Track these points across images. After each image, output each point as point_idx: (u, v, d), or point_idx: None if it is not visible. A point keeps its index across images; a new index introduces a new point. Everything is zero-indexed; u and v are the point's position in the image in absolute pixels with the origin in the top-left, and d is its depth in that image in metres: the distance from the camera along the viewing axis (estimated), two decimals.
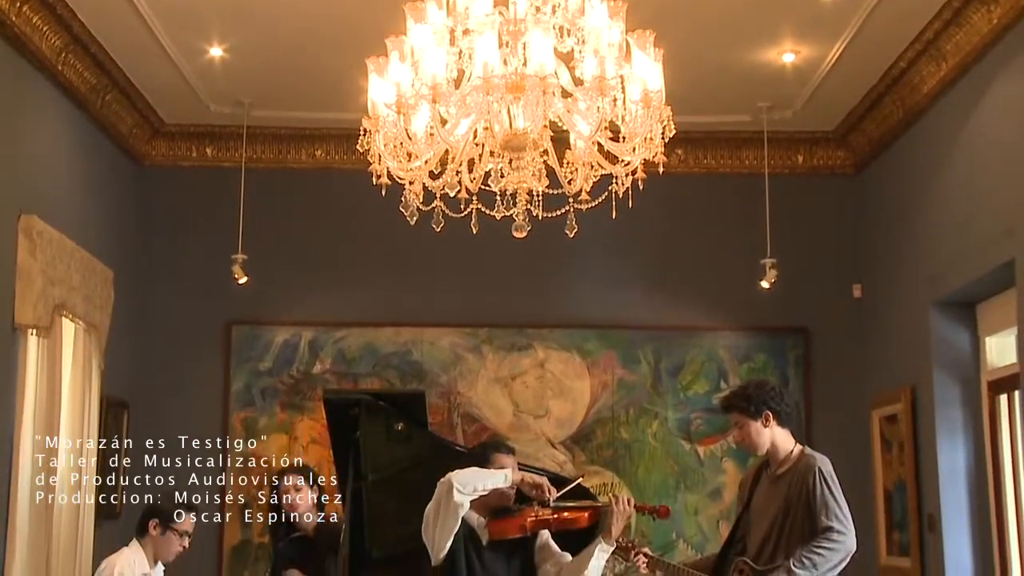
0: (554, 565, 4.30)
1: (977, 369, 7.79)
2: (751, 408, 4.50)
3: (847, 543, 4.23)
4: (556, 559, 4.33)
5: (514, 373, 9.26)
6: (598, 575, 4.25)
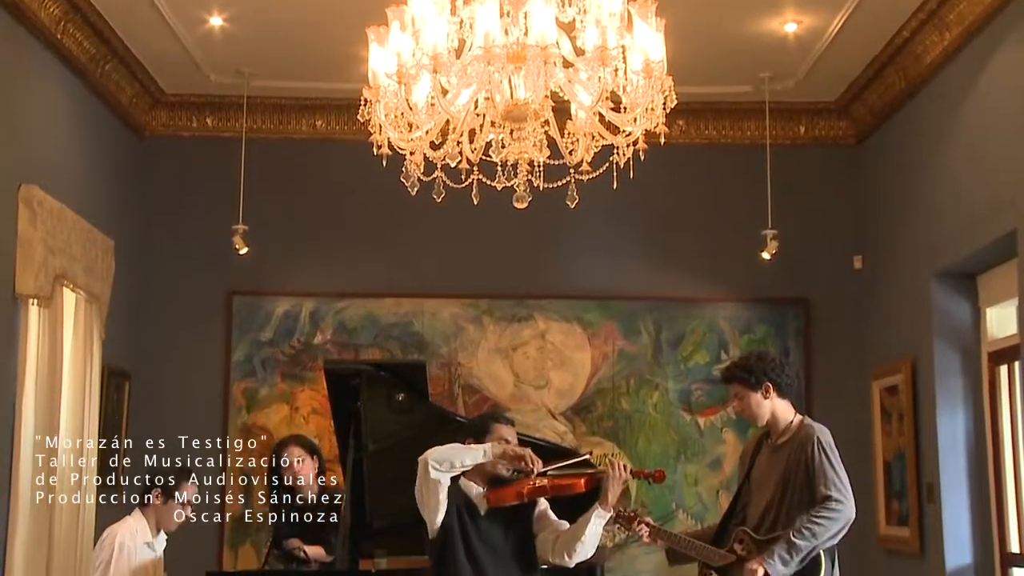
0: (551, 533, 4.32)
1: (977, 340, 7.80)
2: (751, 379, 4.51)
3: (846, 512, 4.24)
4: (554, 527, 4.34)
5: (515, 344, 9.27)
6: (595, 541, 4.26)
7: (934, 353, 7.84)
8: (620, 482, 4.23)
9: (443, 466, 4.17)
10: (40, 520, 7.10)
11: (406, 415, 5.23)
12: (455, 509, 4.25)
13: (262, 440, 8.89)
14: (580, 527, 4.23)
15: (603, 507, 4.23)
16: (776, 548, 4.21)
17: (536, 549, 4.33)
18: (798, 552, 4.17)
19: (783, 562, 4.19)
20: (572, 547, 4.23)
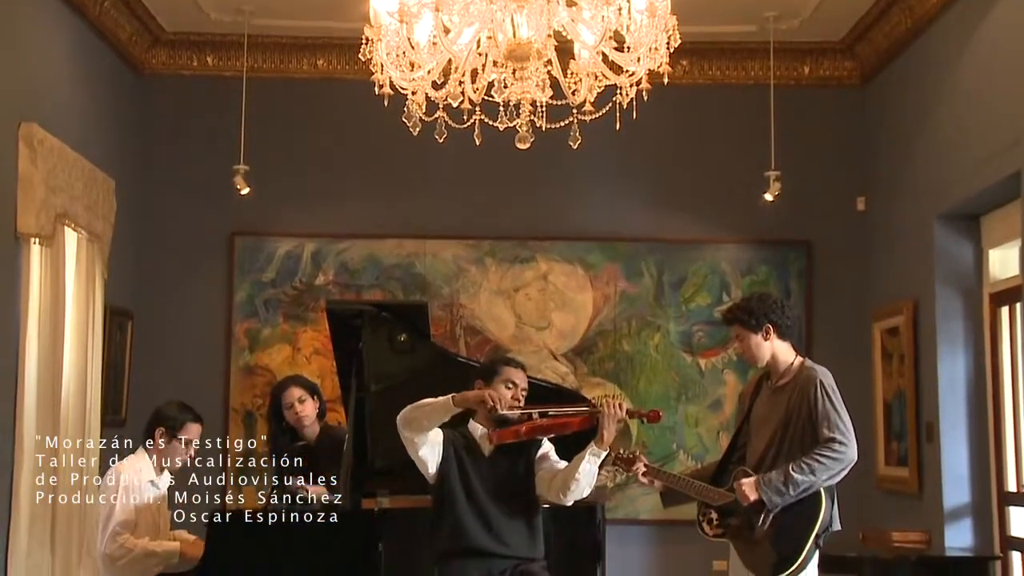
0: (548, 472, 4.34)
1: (979, 282, 7.80)
2: (752, 321, 4.50)
3: (848, 454, 4.26)
4: (551, 465, 4.37)
5: (517, 285, 9.27)
6: (591, 480, 4.28)
7: (936, 295, 7.85)
8: (615, 421, 4.23)
9: (411, 427, 4.20)
10: (45, 460, 7.15)
11: (408, 356, 5.24)
12: (453, 453, 4.27)
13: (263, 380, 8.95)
14: (574, 466, 4.25)
15: (598, 446, 4.24)
16: (773, 476, 4.23)
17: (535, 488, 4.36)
18: (794, 485, 4.18)
19: (777, 492, 4.21)
20: (567, 486, 4.26)
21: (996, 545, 7.50)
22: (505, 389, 4.35)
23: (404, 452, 4.96)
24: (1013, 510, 7.47)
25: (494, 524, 4.23)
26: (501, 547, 4.22)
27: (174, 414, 4.86)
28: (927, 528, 6.74)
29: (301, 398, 5.40)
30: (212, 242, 9.21)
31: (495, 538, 4.22)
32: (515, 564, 4.24)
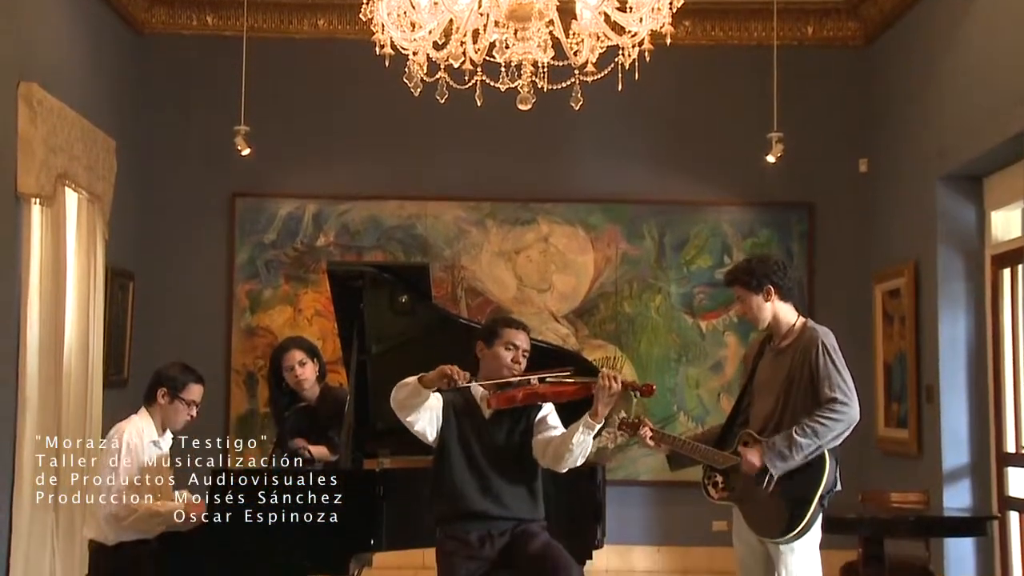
0: (544, 440, 4.34)
1: (981, 243, 7.80)
2: (753, 282, 4.49)
3: (850, 414, 4.27)
4: (548, 433, 4.36)
5: (518, 247, 9.27)
6: (584, 451, 4.26)
7: (937, 256, 7.85)
8: (609, 394, 4.22)
9: (402, 411, 4.22)
10: (47, 418, 7.19)
11: (409, 317, 5.23)
12: (453, 416, 4.28)
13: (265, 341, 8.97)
14: (568, 437, 4.24)
15: (592, 419, 4.23)
16: (777, 441, 4.24)
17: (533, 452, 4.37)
18: (798, 449, 4.19)
19: (781, 457, 4.22)
20: (561, 455, 4.26)
21: (994, 505, 7.54)
22: (505, 351, 4.34)
23: None
24: (1011, 471, 7.51)
25: (494, 487, 4.25)
26: (500, 509, 4.24)
27: (175, 375, 4.87)
28: (926, 489, 6.77)
29: (302, 361, 5.41)
30: (213, 203, 9.20)
31: (494, 501, 4.24)
32: (515, 525, 4.27)
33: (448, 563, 4.18)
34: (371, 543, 4.44)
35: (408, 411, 4.26)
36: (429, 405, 4.28)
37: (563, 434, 4.31)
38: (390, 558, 6.28)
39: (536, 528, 4.31)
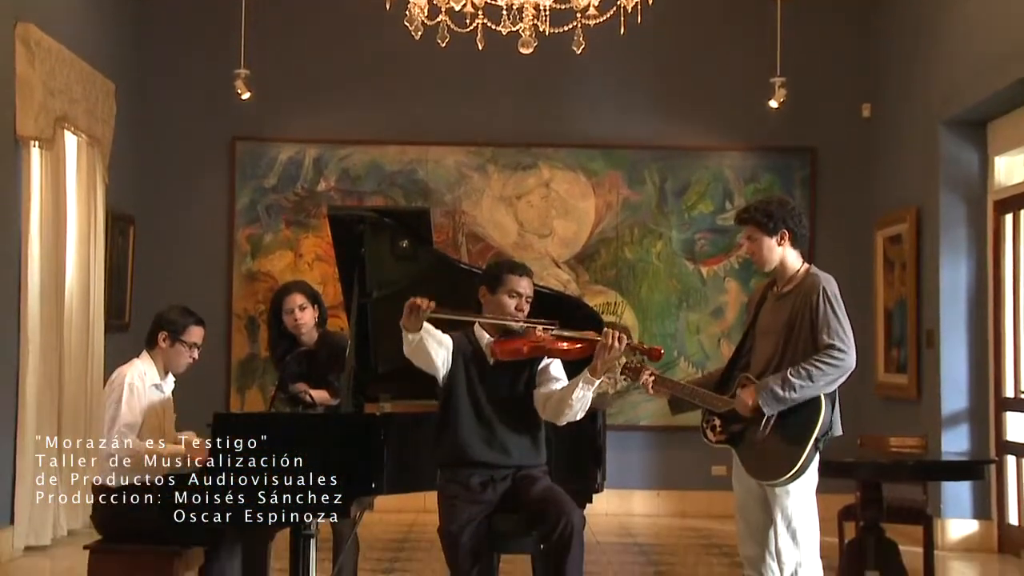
0: (545, 392, 4.35)
1: (984, 189, 7.79)
2: (770, 224, 4.45)
3: (847, 361, 4.27)
4: (549, 385, 4.36)
5: (519, 192, 9.25)
6: (584, 406, 4.27)
7: (940, 201, 7.84)
8: (610, 352, 4.21)
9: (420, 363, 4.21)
10: (49, 363, 7.22)
11: (410, 262, 5.21)
12: (461, 361, 4.28)
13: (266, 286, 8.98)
14: (568, 392, 4.25)
15: (591, 374, 4.23)
16: (771, 381, 4.25)
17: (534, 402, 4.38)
18: (791, 389, 4.20)
19: (775, 396, 4.22)
20: (561, 410, 4.27)
21: (992, 449, 7.59)
22: (508, 299, 4.33)
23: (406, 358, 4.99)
24: (1010, 415, 7.55)
25: (497, 435, 4.26)
26: (503, 458, 4.26)
27: (176, 318, 4.87)
28: (924, 433, 6.80)
29: (302, 305, 5.40)
30: (213, 147, 9.17)
31: (498, 449, 4.26)
32: (516, 470, 4.29)
33: (450, 506, 4.21)
34: (372, 487, 4.46)
35: (422, 360, 4.25)
36: (439, 343, 4.27)
37: (563, 389, 4.31)
38: (391, 501, 6.34)
39: (538, 473, 4.34)
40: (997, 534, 7.65)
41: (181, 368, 4.91)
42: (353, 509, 4.59)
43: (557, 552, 4.01)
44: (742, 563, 4.61)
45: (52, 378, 7.26)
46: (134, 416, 4.66)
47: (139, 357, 4.86)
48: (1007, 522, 7.58)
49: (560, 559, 4.00)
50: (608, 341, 4.21)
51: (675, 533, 8.34)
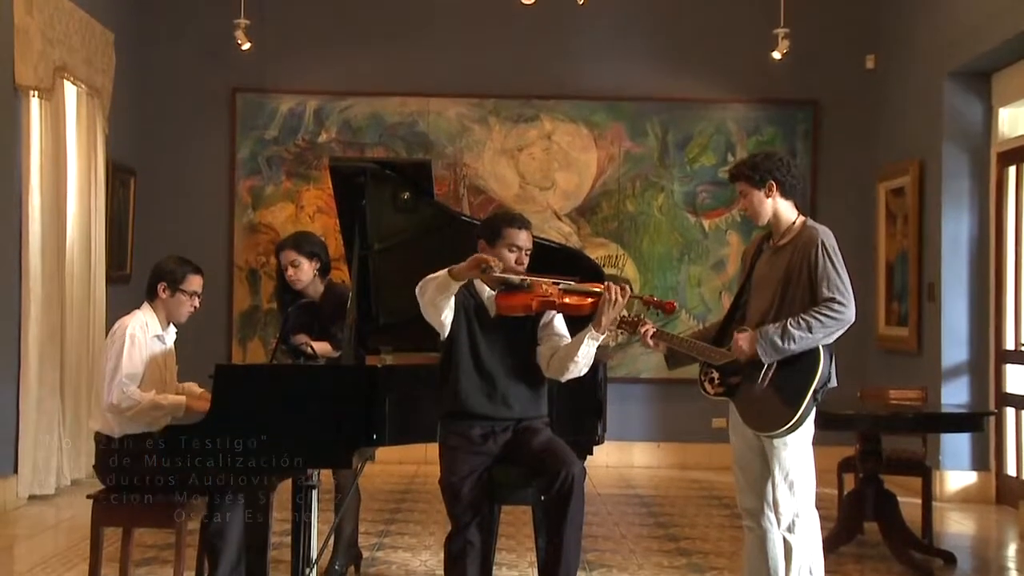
0: (550, 349, 4.34)
1: (988, 141, 7.76)
2: (756, 177, 4.45)
3: (847, 314, 4.27)
4: (554, 342, 4.35)
5: (521, 145, 9.22)
6: (589, 361, 4.27)
7: (943, 154, 7.82)
8: (615, 307, 4.20)
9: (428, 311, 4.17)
10: (51, 314, 7.23)
11: (411, 214, 5.20)
12: (463, 315, 4.27)
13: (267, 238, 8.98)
14: (573, 349, 4.24)
15: (596, 330, 4.21)
16: (770, 329, 4.25)
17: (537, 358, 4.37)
18: (790, 339, 4.20)
19: (773, 345, 4.22)
20: (565, 366, 4.26)
21: (991, 401, 7.62)
22: (508, 253, 4.30)
23: (408, 310, 4.97)
24: (1010, 367, 7.57)
25: (499, 388, 4.26)
26: (504, 410, 4.27)
27: (173, 268, 4.86)
28: (924, 386, 6.82)
29: (294, 261, 5.39)
30: (213, 98, 9.13)
31: (499, 402, 4.26)
32: (517, 422, 4.30)
33: (451, 457, 4.23)
34: (374, 438, 4.48)
35: (438, 309, 4.19)
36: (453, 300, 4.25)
37: (567, 346, 4.31)
38: (393, 453, 6.37)
39: (539, 424, 4.35)
40: (995, 485, 7.70)
41: (183, 317, 4.92)
42: (354, 460, 4.61)
43: (558, 503, 4.03)
44: (741, 514, 4.64)
45: (54, 329, 7.28)
46: (135, 367, 4.67)
47: (140, 308, 4.86)
48: (1005, 473, 7.63)
49: (561, 510, 4.03)
50: (612, 296, 4.20)
51: (675, 485, 8.39)
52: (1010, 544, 6.74)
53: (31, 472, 7.05)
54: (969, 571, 5.90)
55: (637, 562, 5.83)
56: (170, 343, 4.91)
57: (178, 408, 4.67)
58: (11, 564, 5.75)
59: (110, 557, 4.99)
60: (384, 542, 6.19)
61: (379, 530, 6.48)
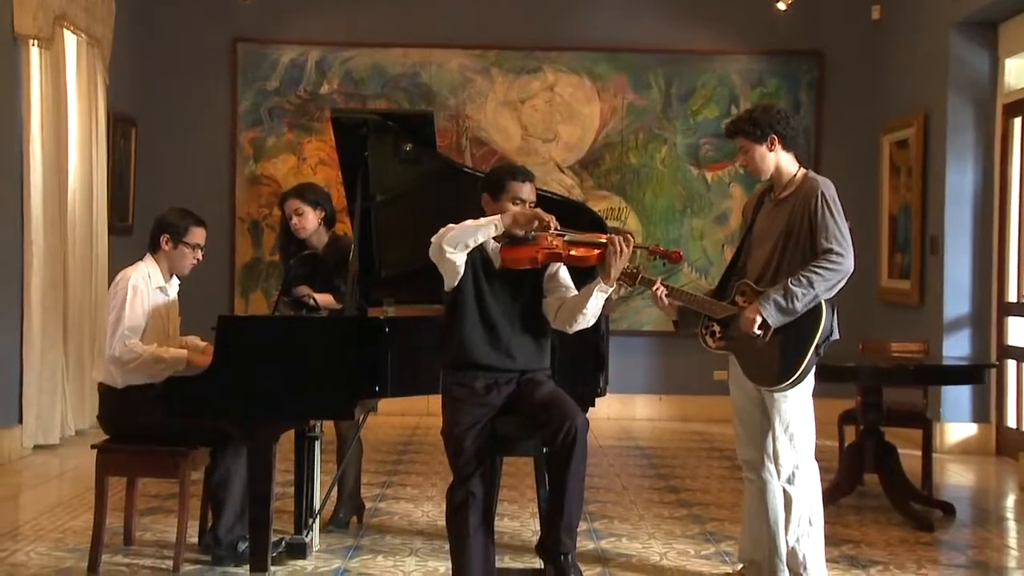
0: (557, 300, 4.33)
1: (993, 92, 7.71)
2: (757, 132, 4.42)
3: (845, 265, 4.26)
4: (560, 293, 4.34)
5: (523, 96, 9.18)
6: (596, 313, 4.27)
7: (948, 105, 7.77)
8: (622, 257, 4.19)
9: (457, 248, 4.13)
10: (54, 265, 7.24)
11: (413, 166, 5.18)
12: (469, 267, 4.25)
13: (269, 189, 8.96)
14: (581, 301, 4.23)
15: (605, 282, 4.20)
16: (772, 293, 4.25)
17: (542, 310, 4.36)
18: (794, 299, 4.20)
19: (778, 308, 4.23)
20: (574, 318, 4.26)
21: (993, 354, 7.63)
22: (512, 207, 4.29)
23: (410, 262, 4.98)
24: (1012, 320, 7.58)
25: (503, 340, 4.26)
26: (508, 361, 4.26)
27: (176, 220, 4.85)
28: (926, 339, 6.84)
29: (298, 210, 5.37)
30: (214, 49, 9.08)
31: (502, 353, 4.26)
32: (521, 374, 4.31)
33: (454, 408, 4.23)
34: (376, 390, 4.49)
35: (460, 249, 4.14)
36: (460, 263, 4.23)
37: (575, 297, 4.30)
38: (395, 405, 6.40)
39: (542, 376, 4.35)
40: (995, 437, 7.73)
41: (186, 270, 4.92)
42: (357, 412, 4.63)
43: (560, 455, 4.05)
44: (741, 466, 4.66)
45: (57, 280, 7.29)
46: (137, 319, 4.67)
47: (143, 260, 4.86)
48: (1005, 425, 7.66)
49: (563, 462, 4.04)
50: (617, 247, 4.19)
51: (677, 437, 8.42)
52: (1009, 495, 6.78)
53: (35, 422, 7.09)
54: (968, 521, 5.94)
55: (638, 513, 5.87)
56: (173, 295, 4.92)
57: (180, 362, 4.68)
58: (17, 512, 5.80)
59: (115, 506, 5.03)
60: (386, 493, 6.24)
61: (381, 481, 6.52)
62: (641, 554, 5.09)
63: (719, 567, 4.89)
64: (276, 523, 4.72)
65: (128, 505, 5.06)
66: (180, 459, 4.64)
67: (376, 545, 5.15)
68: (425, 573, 4.74)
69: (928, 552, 5.21)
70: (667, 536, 5.41)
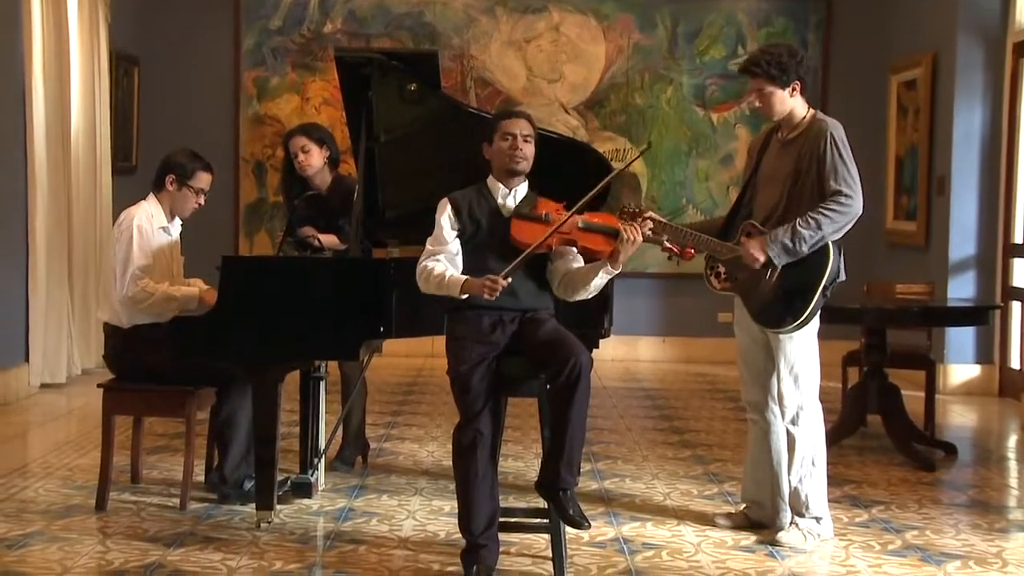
0: (563, 269, 4.32)
1: (1004, 31, 7.63)
2: (783, 77, 4.35)
3: (854, 207, 4.24)
4: (567, 261, 4.34)
5: (528, 36, 9.10)
6: (598, 289, 4.28)
7: (957, 45, 7.70)
8: (633, 246, 4.19)
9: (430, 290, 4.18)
10: (58, 204, 7.23)
11: (418, 106, 5.15)
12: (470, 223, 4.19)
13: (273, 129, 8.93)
14: (587, 277, 4.22)
15: (612, 265, 4.20)
16: (780, 233, 4.23)
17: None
18: (801, 241, 4.18)
19: (785, 248, 4.21)
20: (576, 291, 4.26)
21: (998, 295, 7.63)
22: (502, 142, 4.26)
23: (415, 203, 4.98)
24: (1017, 261, 7.57)
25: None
26: (511, 301, 4.26)
27: (184, 162, 4.83)
28: (931, 280, 6.83)
29: (304, 147, 5.34)
30: None
31: (505, 292, 4.26)
32: (523, 312, 4.31)
33: (458, 347, 4.23)
34: (381, 330, 4.50)
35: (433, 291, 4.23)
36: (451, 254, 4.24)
37: (581, 271, 4.29)
38: (400, 346, 6.42)
39: (544, 315, 4.36)
40: (999, 378, 7.75)
41: (187, 213, 4.91)
42: (362, 352, 4.64)
43: (564, 391, 4.05)
44: (745, 407, 4.68)
45: (61, 220, 7.29)
46: (146, 258, 4.68)
47: (146, 199, 4.85)
48: (1008, 366, 7.67)
49: (567, 398, 4.05)
50: (630, 236, 4.17)
51: (680, 378, 8.45)
52: (1011, 435, 6.81)
53: (42, 360, 7.13)
54: (970, 461, 5.97)
55: (642, 454, 5.91)
56: (175, 235, 4.91)
57: (191, 300, 4.69)
58: (25, 450, 5.85)
59: (121, 445, 5.07)
60: (391, 433, 6.28)
61: (386, 422, 6.56)
62: (644, 494, 5.13)
63: (722, 507, 4.92)
64: (282, 462, 4.75)
65: (135, 444, 5.10)
66: (186, 399, 4.66)
67: (381, 484, 5.19)
68: (430, 512, 4.78)
69: (929, 492, 5.24)
70: (670, 477, 5.45)
